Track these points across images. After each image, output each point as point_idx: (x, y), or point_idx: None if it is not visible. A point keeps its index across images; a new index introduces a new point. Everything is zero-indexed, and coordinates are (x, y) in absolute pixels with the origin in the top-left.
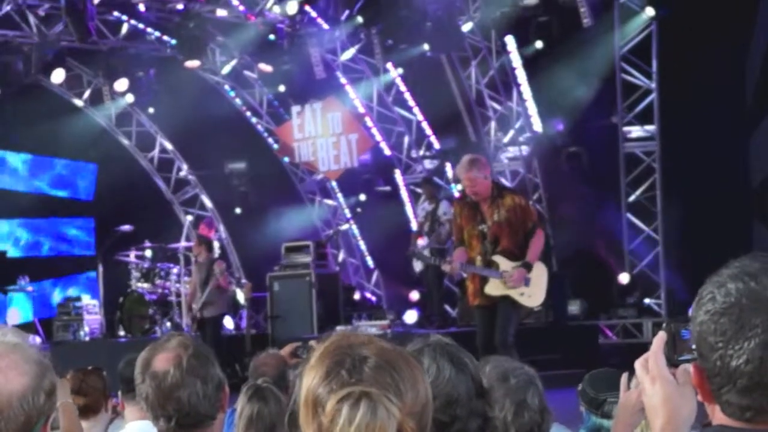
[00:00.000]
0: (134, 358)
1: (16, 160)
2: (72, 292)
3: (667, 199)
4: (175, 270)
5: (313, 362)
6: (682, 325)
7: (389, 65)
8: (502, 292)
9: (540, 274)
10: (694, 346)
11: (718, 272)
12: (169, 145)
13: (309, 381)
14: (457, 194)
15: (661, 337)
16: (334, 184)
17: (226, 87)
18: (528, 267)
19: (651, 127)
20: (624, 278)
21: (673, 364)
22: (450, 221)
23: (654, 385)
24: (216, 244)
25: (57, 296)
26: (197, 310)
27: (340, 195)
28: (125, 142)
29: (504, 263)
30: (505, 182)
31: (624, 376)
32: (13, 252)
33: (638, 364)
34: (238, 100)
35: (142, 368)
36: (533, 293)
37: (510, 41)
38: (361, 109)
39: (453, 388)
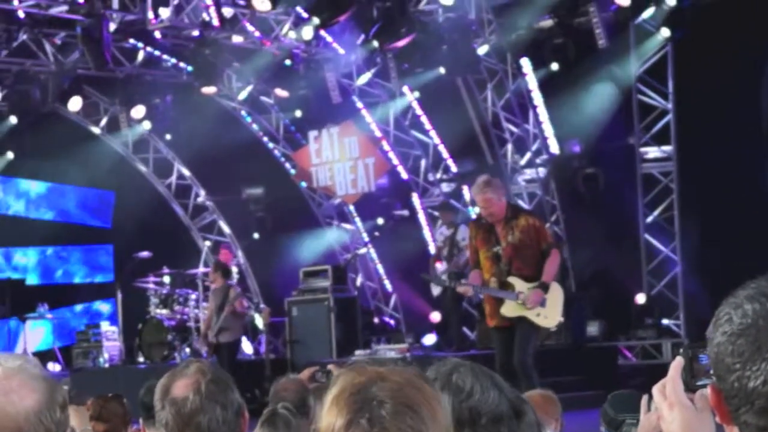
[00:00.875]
0: (155, 384)
1: (35, 188)
2: (91, 319)
3: (685, 219)
4: (193, 296)
5: (328, 407)
6: (699, 350)
7: (405, 89)
8: (519, 313)
9: (556, 295)
10: (711, 369)
11: (735, 293)
12: (186, 172)
13: (329, 430)
14: (473, 216)
15: (678, 362)
16: (351, 208)
17: (243, 113)
18: (545, 288)
19: (668, 148)
20: (641, 299)
21: (690, 389)
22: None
23: (672, 411)
24: (234, 270)
25: (76, 323)
26: (213, 336)
27: (357, 219)
28: (143, 168)
29: (519, 284)
30: (523, 204)
31: (644, 398)
32: (32, 279)
33: (656, 390)
34: (254, 126)
35: (162, 395)
36: (549, 314)
37: (526, 63)
38: (378, 133)
39: (497, 406)
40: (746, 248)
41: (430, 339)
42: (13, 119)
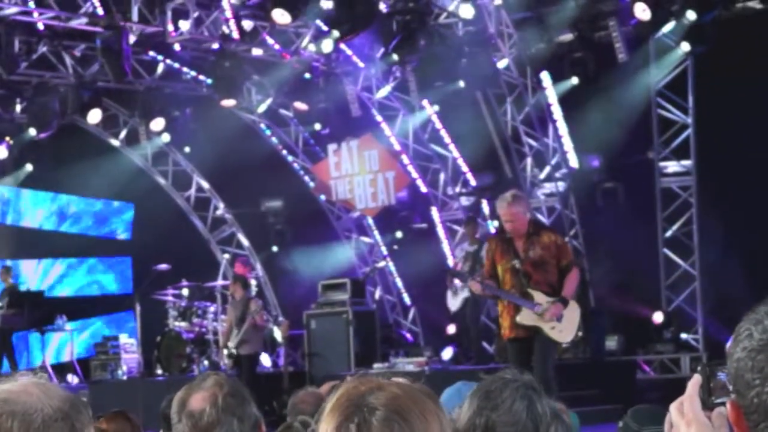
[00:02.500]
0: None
1: (54, 200)
2: (110, 331)
3: (703, 234)
4: (212, 308)
5: (326, 413)
6: (717, 368)
7: (425, 102)
8: (534, 323)
9: (573, 312)
10: (731, 385)
11: (755, 309)
12: (205, 184)
13: None
14: (493, 230)
15: (695, 380)
16: (370, 221)
17: (262, 125)
18: (564, 302)
19: (687, 162)
20: (658, 317)
21: (708, 407)
22: None
23: (690, 429)
24: (253, 283)
25: (95, 335)
26: (233, 348)
27: (376, 232)
28: (162, 181)
29: (539, 296)
30: (542, 218)
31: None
32: (50, 292)
33: (673, 408)
34: (274, 139)
35: (179, 408)
36: (564, 329)
37: (545, 77)
38: (397, 147)
39: (516, 423)
40: (766, 263)
41: (448, 352)
42: (32, 131)
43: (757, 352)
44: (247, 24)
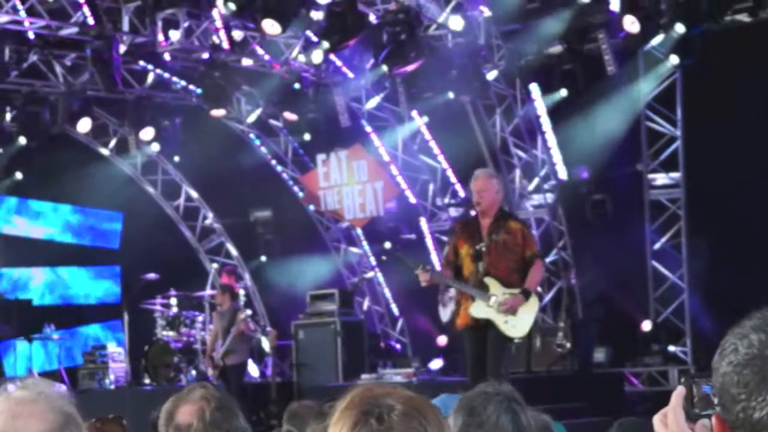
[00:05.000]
0: None
1: (42, 208)
2: (97, 340)
3: (692, 246)
4: (200, 318)
5: (338, 415)
6: (701, 380)
7: (414, 113)
8: (487, 316)
9: (531, 307)
10: (716, 399)
11: (741, 323)
12: (194, 194)
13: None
14: None
15: (679, 392)
16: (359, 231)
17: (252, 135)
18: (526, 295)
19: (676, 175)
20: (646, 326)
21: (691, 418)
22: None
23: None
24: (241, 293)
25: (83, 344)
26: (219, 359)
27: (365, 243)
28: (151, 190)
29: (495, 287)
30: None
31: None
32: (38, 300)
33: (657, 419)
34: (263, 149)
35: (166, 420)
36: (518, 324)
37: (535, 89)
38: (387, 157)
39: None
40: (754, 276)
41: (436, 363)
42: (22, 140)
43: (742, 367)
44: (237, 34)
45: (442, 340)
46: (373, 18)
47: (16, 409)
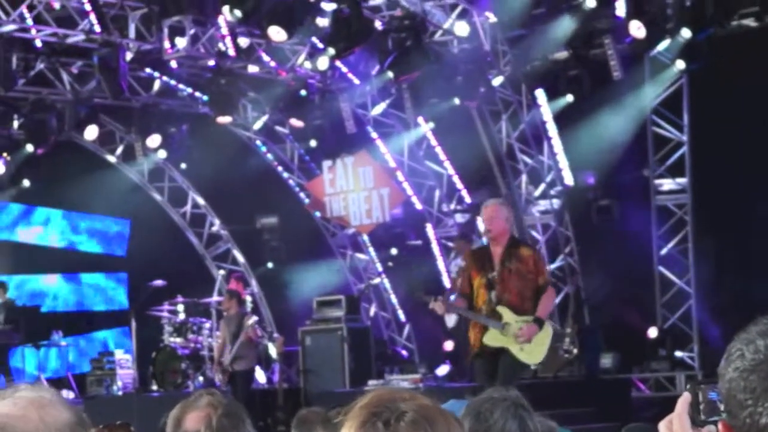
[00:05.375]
0: None
1: (50, 216)
2: (105, 346)
3: (699, 251)
4: (207, 325)
5: (354, 411)
6: (707, 386)
7: (420, 119)
8: (501, 344)
9: (545, 334)
10: (722, 405)
11: (747, 329)
12: (201, 201)
13: (346, 430)
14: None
15: (685, 398)
16: (365, 238)
17: (258, 142)
18: (540, 323)
19: (682, 180)
20: (653, 331)
21: (697, 425)
22: None
23: None
24: (248, 299)
25: (91, 351)
26: (227, 364)
27: (371, 249)
28: (158, 197)
29: (507, 315)
30: (537, 236)
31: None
32: (46, 307)
33: (662, 426)
34: (269, 155)
35: (173, 427)
36: (533, 350)
37: (540, 95)
38: (392, 164)
39: None
40: (761, 281)
41: (443, 370)
42: (29, 147)
43: (749, 372)
44: (243, 41)
45: (448, 345)
46: (378, 24)
47: (41, 401)
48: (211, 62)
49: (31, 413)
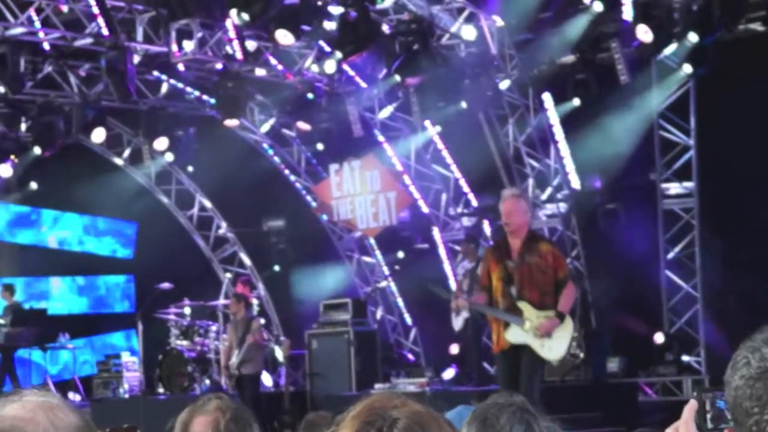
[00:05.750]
0: None
1: (57, 218)
2: (112, 349)
3: (705, 256)
4: (214, 327)
5: (346, 421)
6: (714, 394)
7: (427, 123)
8: (523, 341)
9: (566, 329)
10: (727, 413)
11: (752, 337)
12: (208, 203)
13: None
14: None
15: (692, 405)
16: (372, 241)
17: (265, 145)
18: (561, 317)
19: (689, 184)
20: (659, 338)
21: None
22: None
23: None
24: (255, 302)
25: (97, 353)
26: (234, 368)
27: (378, 252)
28: (165, 200)
29: (528, 311)
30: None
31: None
32: (53, 309)
33: None
34: (276, 159)
35: (181, 431)
36: (554, 346)
37: (547, 99)
38: (399, 167)
39: None
40: (767, 286)
41: (449, 373)
42: (37, 150)
43: (755, 380)
44: (251, 44)
45: (454, 348)
46: (385, 28)
47: (46, 403)
48: (219, 65)
49: (39, 416)
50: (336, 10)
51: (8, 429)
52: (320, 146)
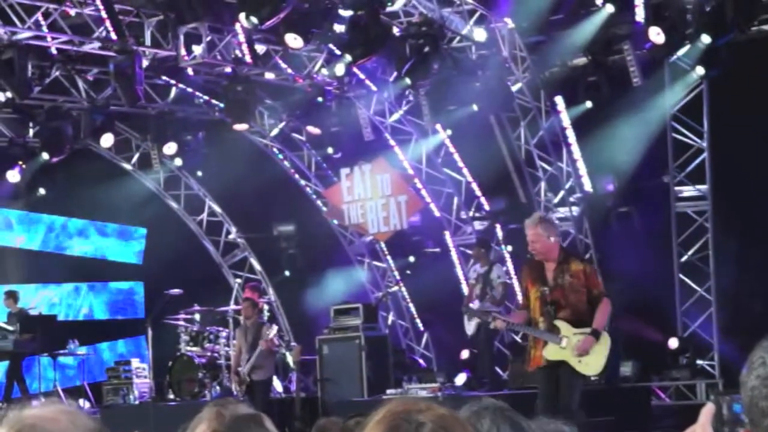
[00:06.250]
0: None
1: (66, 224)
2: (121, 355)
3: (719, 259)
4: (224, 333)
5: (369, 426)
6: (731, 398)
7: (438, 126)
8: (561, 358)
9: (603, 345)
10: (745, 415)
11: None
12: (217, 208)
13: None
14: (506, 255)
15: (708, 409)
16: (383, 245)
17: (275, 149)
18: (596, 335)
19: (703, 187)
20: (673, 343)
21: None
22: (503, 284)
23: None
24: (265, 308)
25: (107, 360)
26: (245, 374)
27: (389, 257)
28: (174, 205)
29: (565, 328)
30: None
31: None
32: (63, 316)
33: None
34: (286, 163)
35: None
36: (591, 362)
37: (559, 101)
38: (410, 171)
39: None
40: None
41: (461, 378)
42: (45, 155)
43: None
44: (260, 48)
45: (464, 354)
46: (396, 31)
47: (68, 408)
48: (228, 69)
49: (61, 416)
50: (346, 12)
51: (31, 426)
52: (330, 150)
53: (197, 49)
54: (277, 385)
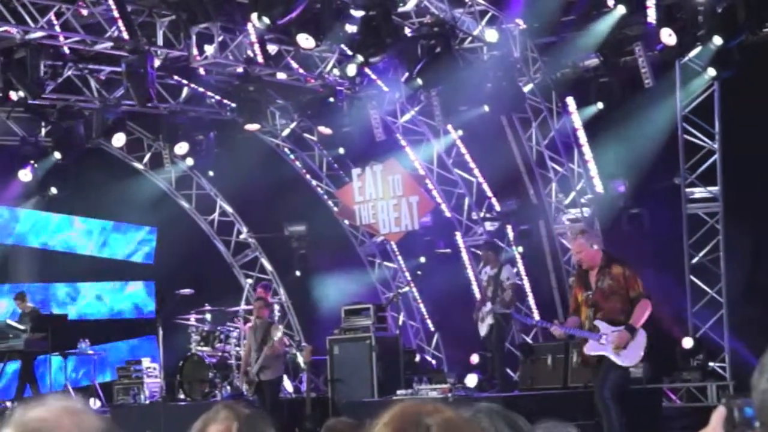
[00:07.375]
0: None
1: (77, 223)
2: (132, 355)
3: (730, 260)
4: (235, 333)
5: (377, 429)
6: (743, 401)
7: (449, 127)
8: (599, 352)
9: (639, 340)
10: (756, 420)
11: None
12: (229, 208)
13: None
14: (518, 256)
15: (720, 412)
16: (394, 246)
17: (286, 150)
18: (631, 330)
19: (714, 188)
20: (687, 343)
21: None
22: (512, 285)
23: None
24: (276, 308)
25: (118, 359)
26: (254, 374)
27: (400, 257)
28: (185, 205)
29: (604, 327)
30: (567, 244)
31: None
32: (74, 315)
33: None
34: (297, 163)
35: None
36: (629, 354)
37: (571, 102)
38: (422, 171)
39: None
40: None
41: (472, 379)
42: (57, 155)
43: None
44: (272, 48)
45: (474, 358)
46: (408, 31)
47: (74, 409)
48: (240, 69)
49: (65, 418)
50: (358, 13)
51: (34, 430)
52: (342, 150)
53: (209, 49)
54: (288, 385)
